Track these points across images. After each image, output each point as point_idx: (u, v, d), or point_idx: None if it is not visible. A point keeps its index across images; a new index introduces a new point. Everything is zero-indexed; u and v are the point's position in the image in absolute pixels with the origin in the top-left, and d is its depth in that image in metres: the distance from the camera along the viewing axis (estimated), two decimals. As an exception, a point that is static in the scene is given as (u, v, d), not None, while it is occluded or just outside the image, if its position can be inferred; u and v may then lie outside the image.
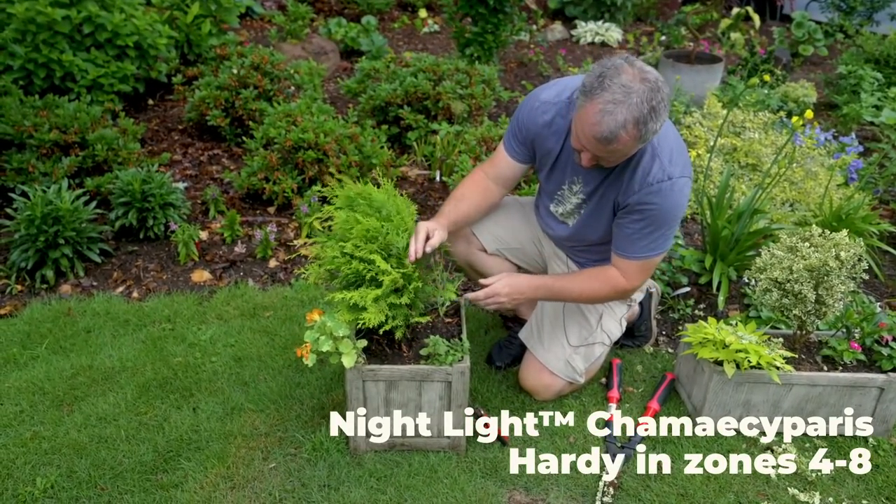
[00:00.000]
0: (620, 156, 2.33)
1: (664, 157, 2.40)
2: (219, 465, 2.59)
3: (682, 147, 2.49)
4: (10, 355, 3.14)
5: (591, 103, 2.20)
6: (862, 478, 2.64)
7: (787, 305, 2.69)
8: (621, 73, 2.18)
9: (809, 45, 7.71)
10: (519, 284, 2.60)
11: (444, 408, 2.59)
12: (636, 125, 2.18)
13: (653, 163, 2.40)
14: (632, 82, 2.17)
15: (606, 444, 2.73)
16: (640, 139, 2.23)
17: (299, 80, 5.31)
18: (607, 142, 2.22)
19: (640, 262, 2.56)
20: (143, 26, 5.20)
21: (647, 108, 2.17)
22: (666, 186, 2.40)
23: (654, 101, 2.17)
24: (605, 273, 2.64)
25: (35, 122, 4.24)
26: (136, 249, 3.95)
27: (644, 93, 2.16)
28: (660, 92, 2.19)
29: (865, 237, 3.75)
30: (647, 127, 2.20)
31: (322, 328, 2.42)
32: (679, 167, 2.42)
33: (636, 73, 2.19)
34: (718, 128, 4.43)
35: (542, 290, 2.67)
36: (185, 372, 3.06)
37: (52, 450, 2.65)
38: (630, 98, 2.16)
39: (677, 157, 2.43)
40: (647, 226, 2.47)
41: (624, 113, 2.16)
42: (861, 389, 2.72)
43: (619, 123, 2.17)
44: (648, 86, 2.17)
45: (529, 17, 8.75)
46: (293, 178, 4.21)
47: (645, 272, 2.62)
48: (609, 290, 2.64)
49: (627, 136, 2.20)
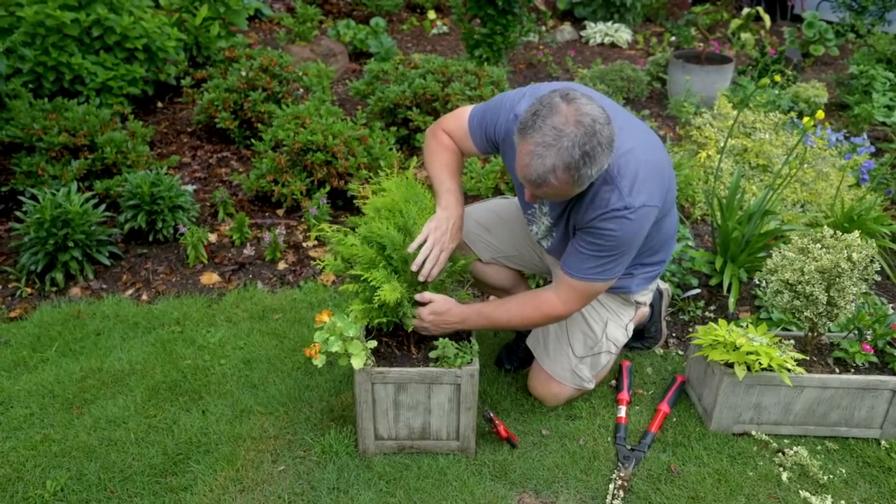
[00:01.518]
0: (559, 196, 2.24)
1: (624, 186, 2.26)
2: (228, 467, 2.59)
3: (654, 171, 2.34)
4: (20, 358, 3.14)
5: (523, 143, 2.11)
6: (874, 480, 2.62)
7: (798, 307, 2.67)
8: (555, 112, 2.06)
9: (820, 45, 7.67)
10: (441, 309, 2.52)
11: (454, 410, 2.58)
12: (566, 170, 2.07)
13: (611, 193, 2.27)
14: (564, 125, 2.04)
15: (616, 447, 2.72)
16: (574, 184, 2.12)
17: (308, 82, 5.32)
18: (536, 185, 2.14)
19: (582, 283, 2.43)
20: (151, 29, 5.22)
21: (578, 154, 2.04)
22: (622, 216, 2.27)
23: (587, 145, 2.04)
24: (538, 298, 2.55)
25: (44, 125, 4.25)
26: (145, 252, 3.95)
27: (577, 137, 2.03)
28: (596, 135, 2.05)
29: (877, 238, 3.73)
30: (579, 172, 2.08)
31: (332, 329, 2.41)
32: (643, 195, 2.28)
33: (571, 114, 2.05)
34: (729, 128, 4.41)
35: (470, 320, 2.56)
36: (195, 374, 3.06)
37: (62, 452, 2.65)
38: (561, 142, 2.04)
39: (641, 184, 2.27)
40: (598, 249, 2.35)
41: (553, 157, 2.05)
42: (873, 392, 2.70)
43: (548, 168, 2.07)
44: (582, 129, 2.04)
45: (538, 18, 8.74)
46: (302, 181, 4.21)
47: (583, 298, 2.50)
48: (540, 316, 2.56)
49: (557, 182, 2.10)
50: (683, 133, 5.30)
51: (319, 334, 2.42)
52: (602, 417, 2.88)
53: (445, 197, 2.56)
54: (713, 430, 2.80)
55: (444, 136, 2.70)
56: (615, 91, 6.15)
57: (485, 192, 4.11)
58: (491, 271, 2.98)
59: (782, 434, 2.80)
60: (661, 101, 6.36)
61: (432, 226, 2.48)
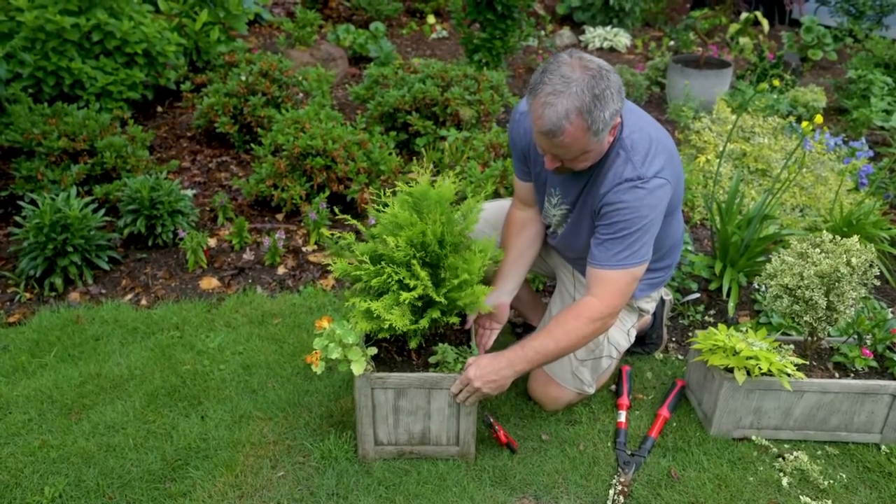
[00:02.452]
0: (577, 151, 2.24)
1: (636, 158, 2.32)
2: (227, 473, 2.58)
3: (665, 149, 2.40)
4: (18, 363, 3.14)
5: (535, 99, 2.17)
6: (875, 485, 2.62)
7: (797, 312, 2.67)
8: (561, 65, 2.15)
9: (818, 49, 7.68)
10: (490, 367, 2.41)
11: (454, 415, 2.57)
12: (579, 114, 2.12)
13: (625, 164, 2.33)
14: (572, 72, 2.12)
15: (617, 452, 2.72)
16: (590, 130, 2.16)
17: (308, 86, 5.32)
18: (553, 135, 2.16)
19: (615, 272, 2.39)
20: (151, 34, 5.22)
21: (589, 97, 2.11)
22: (636, 186, 2.31)
23: (596, 88, 2.11)
24: (576, 308, 2.46)
25: (44, 129, 4.26)
26: (144, 257, 3.95)
27: (585, 81, 2.11)
28: (604, 79, 2.13)
29: (876, 242, 3.73)
30: (592, 116, 2.13)
31: (331, 335, 2.41)
32: (654, 168, 2.33)
33: (576, 63, 2.14)
34: (728, 133, 4.41)
35: (519, 363, 2.44)
36: (194, 380, 3.05)
37: (61, 458, 2.64)
38: (570, 87, 2.11)
39: (653, 157, 2.34)
40: (620, 229, 2.35)
41: (565, 103, 2.11)
42: (873, 396, 2.69)
43: (561, 114, 2.12)
44: (590, 73, 2.12)
45: (538, 22, 8.75)
46: (301, 185, 4.21)
47: (620, 291, 2.44)
48: (585, 322, 2.42)
49: (572, 127, 2.14)
50: (682, 137, 5.31)
51: (318, 341, 2.42)
52: (602, 422, 2.88)
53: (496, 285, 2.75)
54: (713, 435, 2.79)
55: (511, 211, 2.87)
56: (614, 95, 6.13)
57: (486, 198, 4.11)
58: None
59: (782, 439, 2.80)
60: (660, 106, 6.37)
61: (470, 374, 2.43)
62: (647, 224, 2.36)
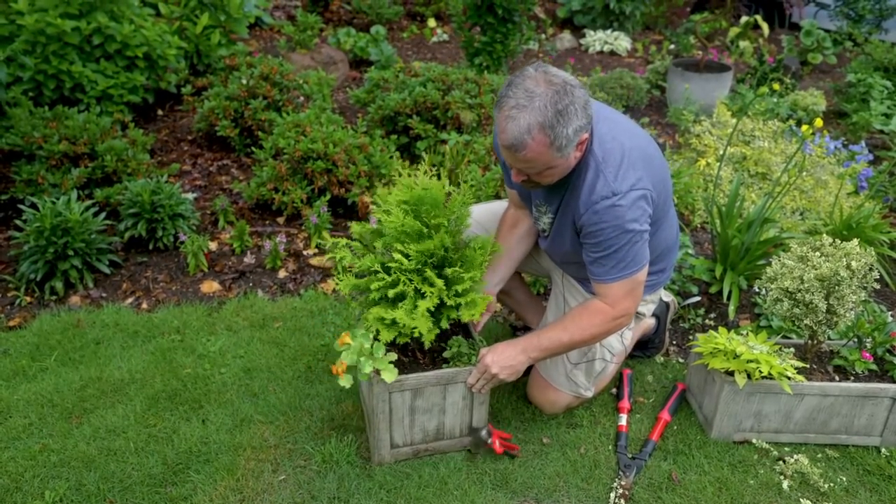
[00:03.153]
0: (541, 166, 2.23)
1: (609, 172, 2.29)
2: (228, 477, 2.58)
3: (641, 157, 2.36)
4: (19, 367, 3.14)
5: (500, 113, 2.15)
6: (875, 488, 2.62)
7: (798, 315, 2.67)
8: (526, 78, 2.13)
9: (818, 53, 7.69)
10: (506, 354, 2.49)
11: (467, 407, 2.61)
12: (541, 129, 2.10)
13: (596, 179, 2.30)
14: (535, 86, 2.10)
15: (618, 455, 2.72)
16: (552, 145, 2.14)
17: (308, 90, 5.33)
18: (515, 149, 2.15)
19: (618, 283, 2.42)
20: (152, 37, 5.22)
21: (551, 112, 2.08)
22: (611, 203, 2.28)
23: (559, 104, 2.09)
24: (589, 308, 2.51)
25: (45, 133, 4.26)
26: (145, 260, 3.95)
27: (548, 96, 2.09)
28: (567, 95, 2.11)
29: (876, 246, 3.73)
30: (554, 131, 2.11)
31: (360, 350, 2.41)
32: (629, 180, 2.30)
33: (540, 77, 2.12)
34: (728, 136, 4.42)
35: (532, 349, 2.51)
36: (195, 383, 3.05)
37: (61, 462, 2.64)
38: (533, 102, 2.08)
39: (627, 170, 2.30)
40: (606, 247, 2.36)
41: (527, 118, 2.09)
42: (873, 399, 2.70)
43: (523, 129, 2.10)
44: (553, 88, 2.10)
45: (538, 26, 8.76)
46: (302, 189, 4.22)
47: (629, 294, 2.47)
48: (600, 320, 2.48)
49: (534, 143, 2.12)
50: (683, 141, 5.31)
51: (346, 355, 2.41)
52: (603, 426, 2.88)
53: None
54: (714, 438, 2.80)
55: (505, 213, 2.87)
56: (615, 99, 6.16)
57: (485, 200, 4.12)
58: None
59: (783, 442, 2.80)
60: (660, 109, 6.37)
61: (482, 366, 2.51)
62: (634, 235, 2.35)
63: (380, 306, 2.48)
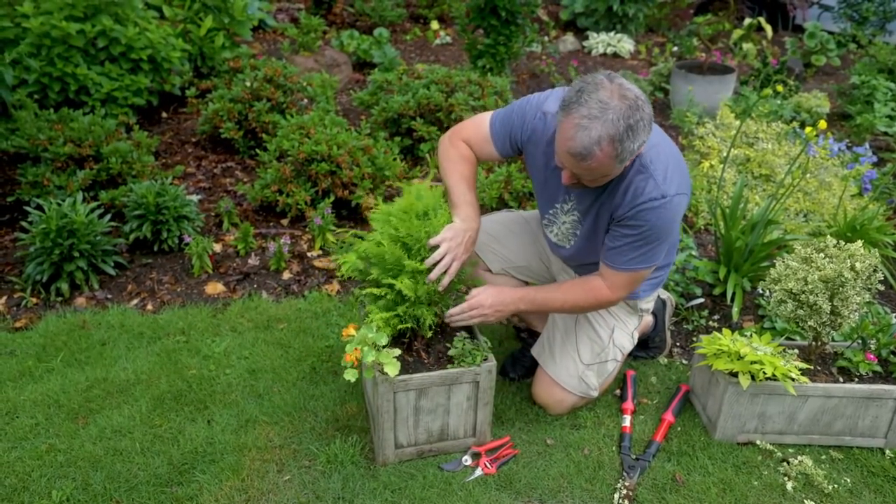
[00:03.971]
0: (599, 175, 2.27)
1: (658, 175, 2.34)
2: (233, 477, 2.59)
3: (679, 163, 2.44)
4: (25, 368, 3.15)
5: (568, 118, 2.16)
6: (879, 490, 2.62)
7: (801, 316, 2.68)
8: (600, 88, 2.13)
9: (822, 55, 7.69)
10: (502, 296, 2.58)
11: (472, 408, 2.63)
12: (611, 142, 2.12)
13: (647, 182, 2.34)
14: (610, 98, 2.11)
15: (621, 456, 2.72)
16: (616, 158, 2.17)
17: (312, 92, 5.34)
18: (581, 158, 2.16)
19: (627, 273, 2.51)
20: (156, 40, 5.24)
21: (623, 126, 2.11)
22: (660, 204, 2.34)
23: (631, 119, 2.11)
24: (590, 283, 2.59)
25: (50, 135, 4.27)
26: (150, 262, 3.96)
27: (622, 110, 2.11)
28: (639, 111, 2.13)
29: (880, 247, 3.73)
30: (622, 146, 2.14)
31: (363, 340, 2.42)
32: (675, 185, 2.36)
33: (615, 90, 2.13)
34: (732, 138, 4.42)
35: (525, 301, 2.61)
36: (200, 384, 3.07)
37: (68, 462, 2.65)
38: (606, 114, 2.10)
39: (673, 173, 2.37)
40: (637, 240, 2.42)
41: (599, 129, 2.11)
42: (877, 401, 2.70)
43: (594, 140, 2.12)
44: (627, 103, 2.12)
45: (541, 28, 8.77)
46: (306, 191, 4.23)
47: (630, 285, 2.57)
48: (592, 300, 2.59)
49: (602, 154, 2.14)
50: (686, 143, 5.32)
51: (351, 346, 2.42)
52: (607, 427, 2.88)
53: (464, 209, 2.60)
54: (718, 440, 2.80)
55: (461, 145, 2.73)
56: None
57: (488, 202, 4.13)
58: (500, 282, 2.98)
59: (787, 443, 2.80)
60: (663, 111, 6.38)
61: (448, 234, 2.51)
62: (666, 235, 2.45)
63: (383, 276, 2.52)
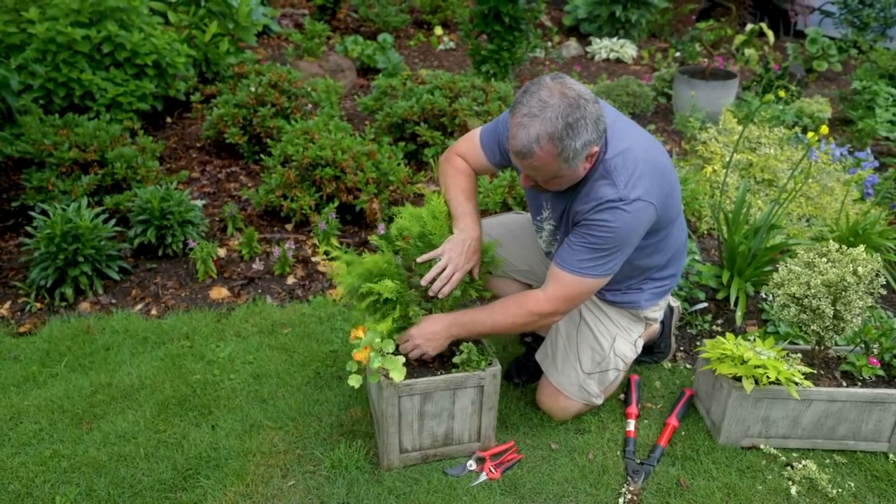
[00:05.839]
0: (548, 175, 2.27)
1: (619, 180, 2.30)
2: (238, 482, 2.60)
3: (653, 169, 2.37)
4: (29, 373, 3.16)
5: (513, 118, 2.20)
6: (883, 494, 2.62)
7: (805, 321, 2.68)
8: (542, 88, 2.16)
9: (823, 60, 7.70)
10: (432, 326, 2.54)
11: (476, 412, 2.63)
12: (550, 140, 2.13)
13: (607, 186, 2.31)
14: (549, 97, 2.13)
15: (626, 461, 2.72)
16: (560, 156, 2.17)
17: (316, 97, 5.35)
18: (523, 156, 2.19)
19: (573, 277, 2.41)
20: (161, 45, 5.26)
21: (561, 124, 2.12)
22: (616, 206, 2.29)
23: (570, 117, 2.12)
24: (523, 297, 2.55)
25: (55, 140, 4.29)
26: (154, 267, 3.97)
27: (560, 108, 2.12)
28: (580, 109, 2.13)
29: (882, 252, 3.73)
30: (563, 143, 2.14)
31: (371, 343, 2.43)
32: (638, 190, 2.30)
33: (556, 88, 2.15)
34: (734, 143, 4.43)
35: (454, 327, 2.55)
36: (204, 389, 3.07)
37: (72, 468, 2.66)
38: (545, 112, 2.12)
39: (639, 180, 2.31)
40: (593, 241, 2.35)
41: (537, 127, 2.13)
42: (881, 405, 2.70)
43: (532, 138, 2.14)
44: (566, 101, 2.13)
45: (544, 33, 8.79)
46: (311, 195, 4.24)
47: (570, 297, 2.48)
48: (524, 314, 2.51)
49: (542, 153, 2.15)
50: (689, 148, 5.32)
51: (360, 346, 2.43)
52: (611, 431, 2.88)
53: (463, 219, 2.62)
54: (722, 444, 2.80)
55: (457, 160, 2.77)
56: (621, 106, 6.17)
57: (493, 207, 4.14)
58: (501, 285, 2.99)
59: (790, 447, 2.80)
60: (666, 116, 6.39)
61: (448, 246, 2.54)
62: (622, 244, 2.37)
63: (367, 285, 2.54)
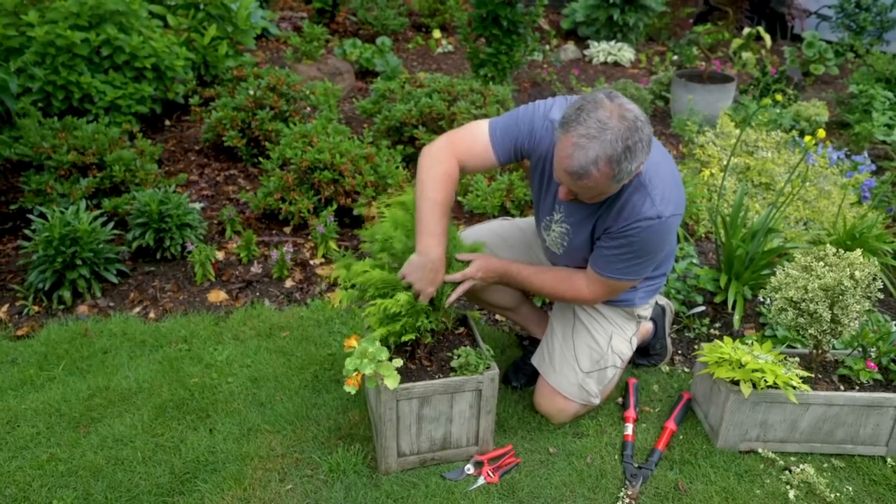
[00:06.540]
0: (595, 193, 2.27)
1: (656, 195, 2.33)
2: (235, 486, 2.59)
3: (677, 182, 2.43)
4: (27, 376, 3.16)
5: (566, 136, 2.15)
6: (881, 498, 2.63)
7: (802, 325, 2.68)
8: (599, 107, 2.12)
9: (820, 64, 7.71)
10: (491, 264, 2.66)
11: (474, 416, 2.63)
12: (608, 163, 2.12)
13: (644, 201, 2.33)
14: (609, 119, 2.10)
15: (624, 465, 2.72)
16: (613, 178, 2.17)
17: (315, 100, 5.35)
18: (578, 177, 2.16)
19: (611, 281, 2.54)
20: (160, 48, 5.26)
21: (621, 147, 2.10)
22: (654, 223, 2.34)
23: (630, 140, 2.10)
24: (572, 278, 2.66)
25: (54, 143, 4.29)
26: (152, 270, 3.97)
27: (620, 131, 2.09)
28: (638, 132, 2.12)
29: (879, 256, 3.74)
30: (620, 166, 2.13)
31: (363, 353, 2.42)
32: (671, 205, 2.36)
33: (615, 109, 2.12)
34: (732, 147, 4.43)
35: (509, 274, 2.69)
36: (202, 393, 3.07)
37: (69, 472, 2.66)
38: (605, 135, 2.09)
39: (670, 194, 2.36)
40: (627, 252, 2.43)
41: (596, 149, 2.10)
42: (878, 409, 2.70)
43: (591, 159, 2.11)
44: (626, 124, 2.10)
45: (542, 37, 8.80)
46: (309, 199, 4.24)
47: (611, 292, 2.63)
48: (571, 295, 2.68)
49: (598, 174, 2.14)
50: (687, 151, 5.33)
51: (351, 361, 2.41)
52: (609, 435, 2.88)
53: (425, 240, 2.47)
54: (720, 448, 2.80)
55: (449, 162, 2.53)
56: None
57: (491, 210, 4.14)
58: (493, 290, 2.98)
59: (788, 451, 2.80)
60: (664, 120, 6.39)
61: (407, 270, 2.48)
62: (655, 252, 2.47)
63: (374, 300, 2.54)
